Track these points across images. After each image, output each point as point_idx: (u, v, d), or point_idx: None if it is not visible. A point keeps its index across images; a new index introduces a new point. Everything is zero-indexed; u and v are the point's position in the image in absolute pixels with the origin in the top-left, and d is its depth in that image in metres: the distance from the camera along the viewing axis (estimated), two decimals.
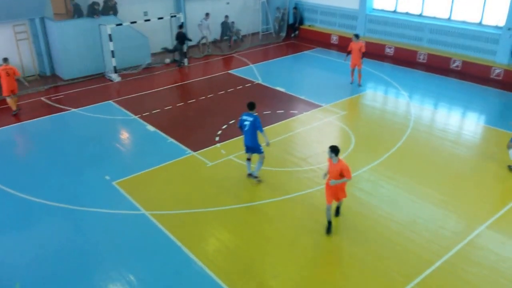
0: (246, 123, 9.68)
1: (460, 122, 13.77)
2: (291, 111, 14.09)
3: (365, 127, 13.15)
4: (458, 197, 9.68)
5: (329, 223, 8.48)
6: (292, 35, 23.37)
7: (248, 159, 10.31)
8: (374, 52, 19.51)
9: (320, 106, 14.51)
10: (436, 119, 13.86)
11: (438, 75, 17.32)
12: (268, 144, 9.79)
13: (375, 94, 15.75)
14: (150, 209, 9.27)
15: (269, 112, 13.99)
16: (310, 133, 12.75)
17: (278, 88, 16.11)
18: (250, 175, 10.31)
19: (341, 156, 11.31)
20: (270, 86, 16.35)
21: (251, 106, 9.83)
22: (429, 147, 11.94)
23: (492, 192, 9.90)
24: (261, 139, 9.84)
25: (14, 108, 14.11)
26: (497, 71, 16.65)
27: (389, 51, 19.63)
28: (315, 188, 9.95)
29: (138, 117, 13.80)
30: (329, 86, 16.63)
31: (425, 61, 18.57)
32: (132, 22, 17.41)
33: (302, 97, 15.25)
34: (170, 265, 7.82)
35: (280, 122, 13.32)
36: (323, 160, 11.07)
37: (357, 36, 15.85)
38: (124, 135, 12.97)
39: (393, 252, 8.08)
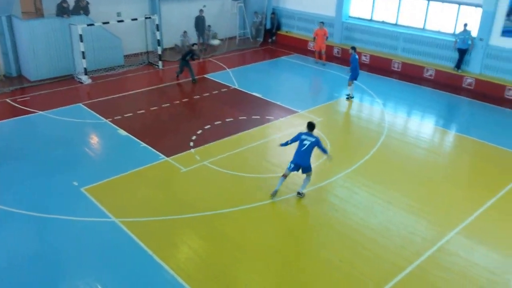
0: (306, 142, 9.44)
1: (432, 130, 13.98)
2: (267, 117, 14.00)
3: (340, 134, 13.20)
4: (429, 203, 9.77)
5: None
6: (270, 40, 23.38)
7: (284, 176, 9.72)
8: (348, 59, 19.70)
9: (296, 112, 14.48)
10: (409, 127, 14.03)
11: (412, 84, 17.59)
12: (330, 158, 10.04)
13: (350, 101, 15.83)
14: (120, 216, 8.99)
15: (245, 117, 13.87)
16: (285, 139, 12.64)
17: (254, 94, 16.02)
18: (298, 193, 9.79)
19: (316, 162, 11.33)
20: (247, 91, 16.24)
21: (312, 127, 9.61)
22: (402, 154, 12.05)
23: (462, 198, 10.03)
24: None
25: None
26: (469, 80, 17.03)
27: (365, 59, 19.83)
28: (290, 195, 9.87)
29: (109, 120, 13.44)
30: (306, 92, 16.67)
31: (399, 70, 18.84)
32: (104, 23, 17.00)
33: (278, 103, 15.20)
34: (141, 275, 7.57)
35: (256, 128, 13.21)
36: None
37: (322, 23, 18.94)
38: (94, 140, 12.60)
39: (366, 258, 8.07)
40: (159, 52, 18.49)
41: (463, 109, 15.71)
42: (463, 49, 16.91)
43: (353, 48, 15.80)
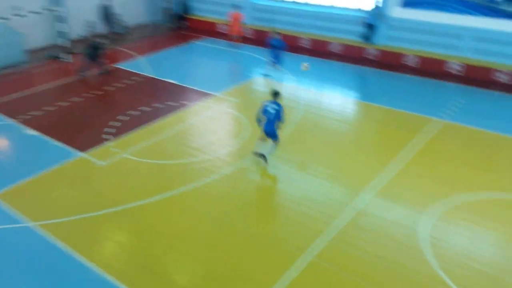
0: (271, 110, 9.97)
1: (343, 101, 14.80)
2: (184, 102, 13.90)
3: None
4: (344, 170, 10.38)
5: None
6: (180, 25, 22.97)
7: (263, 139, 10.30)
8: (262, 40, 20.04)
9: (213, 95, 14.53)
10: (323, 100, 14.72)
11: (322, 59, 18.36)
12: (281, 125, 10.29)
13: (265, 80, 16.19)
14: (38, 220, 8.51)
15: (162, 105, 13.65)
16: (204, 123, 12.72)
17: (169, 80, 15.77)
18: (260, 155, 10.36)
19: (239, 143, 11.54)
20: (161, 78, 15.94)
21: (275, 95, 10.15)
22: (318, 127, 12.64)
23: (373, 162, 10.70)
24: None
25: None
26: (374, 52, 18.16)
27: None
28: (212, 177, 9.98)
29: (16, 121, 12.53)
30: (221, 75, 16.73)
31: (309, 46, 19.57)
32: (1, 18, 15.61)
33: (195, 88, 15.13)
34: (66, 278, 7.28)
35: (173, 114, 13.08)
36: (219, 149, 11.16)
37: (237, 6, 19.16)
38: (0, 142, 11.70)
39: (290, 227, 8.44)
40: (67, 44, 17.41)
41: (370, 80, 16.78)
42: (371, 24, 17.96)
43: (277, 33, 16.04)
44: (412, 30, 17.55)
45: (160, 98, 14.19)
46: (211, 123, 12.73)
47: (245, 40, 20.35)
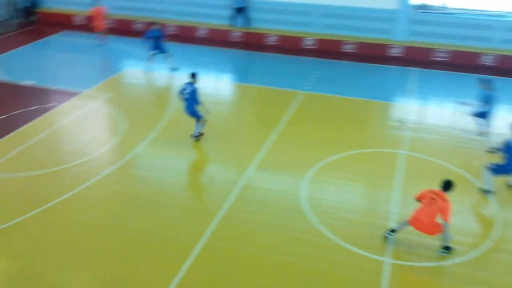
0: (186, 91, 10.50)
1: (216, 84, 15.20)
2: (49, 105, 12.89)
3: (133, 106, 13.16)
4: (229, 151, 10.75)
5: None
6: (29, 20, 20.87)
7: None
8: (123, 29, 19.48)
9: (80, 92, 13.71)
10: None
11: (189, 44, 18.46)
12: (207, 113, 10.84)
13: (135, 71, 15.78)
14: None
15: (22, 110, 12.47)
16: (75, 123, 12.00)
17: (27, 82, 14.41)
18: (195, 136, 10.90)
19: (115, 139, 11.19)
20: (17, 81, 14.48)
21: (193, 76, 10.62)
22: None
23: (257, 140, 11.19)
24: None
25: None
26: (235, 34, 18.80)
27: (140, 26, 19.79)
28: (92, 180, 9.54)
29: None
30: (87, 71, 15.81)
31: (177, 32, 19.49)
32: None
33: (59, 87, 14.09)
34: None
35: (38, 119, 12.05)
36: (95, 149, 10.70)
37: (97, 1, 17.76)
38: None
39: (180, 216, 8.57)
40: None
41: (239, 61, 17.45)
42: (239, 7, 18.49)
43: (156, 23, 15.56)
44: (272, 11, 18.57)
45: (21, 103, 12.93)
46: (84, 122, 12.08)
47: (109, 31, 19.42)
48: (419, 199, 7.48)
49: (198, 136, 10.97)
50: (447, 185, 7.31)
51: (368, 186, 9.55)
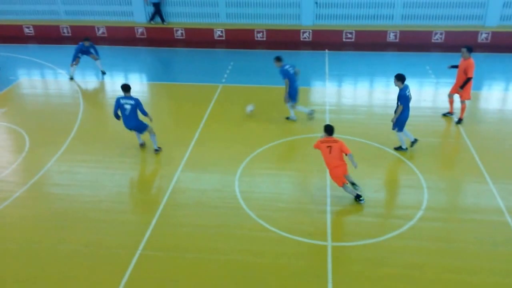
0: (127, 106, 9.50)
1: (132, 86, 14.17)
2: None
3: (35, 120, 11.86)
4: (154, 154, 10.15)
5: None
6: None
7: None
8: (12, 35, 17.64)
9: None
10: (115, 89, 13.90)
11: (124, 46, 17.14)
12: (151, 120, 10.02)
13: (31, 80, 14.27)
14: None
15: None
16: None
17: None
18: (142, 145, 10.26)
19: (21, 157, 9.99)
20: None
21: (125, 89, 9.60)
22: (107, 117, 11.90)
23: (183, 140, 10.65)
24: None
25: None
26: (180, 31, 17.81)
27: (28, 31, 18.02)
28: (3, 204, 8.49)
29: None
30: None
31: (69, 35, 18.03)
32: None
33: None
34: None
35: None
36: (2, 170, 9.49)
37: None
38: None
39: (111, 230, 7.92)
40: None
41: (154, 59, 16.61)
42: (156, 2, 17.62)
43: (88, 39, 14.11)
44: (183, 4, 17.92)
45: None
46: None
47: None
48: (316, 148, 8.31)
49: (158, 149, 10.19)
50: (329, 129, 8.20)
51: (299, 174, 9.54)
